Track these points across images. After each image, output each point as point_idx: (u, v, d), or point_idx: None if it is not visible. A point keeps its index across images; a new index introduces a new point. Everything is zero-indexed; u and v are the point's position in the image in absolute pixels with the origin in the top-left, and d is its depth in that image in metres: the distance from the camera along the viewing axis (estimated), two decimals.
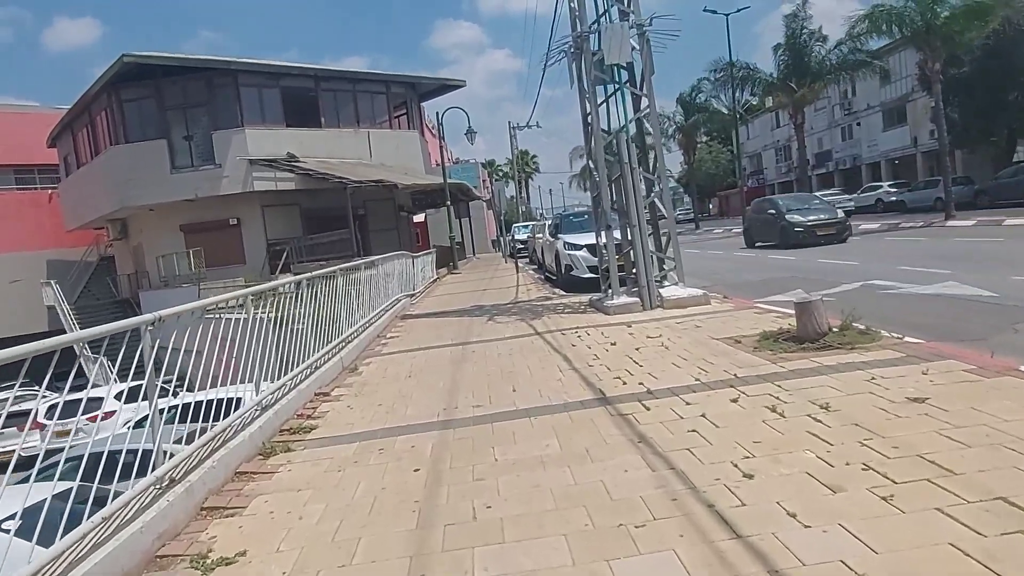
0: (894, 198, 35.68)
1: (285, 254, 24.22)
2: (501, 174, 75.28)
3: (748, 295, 10.03)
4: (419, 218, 38.49)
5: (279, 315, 6.11)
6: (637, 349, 6.57)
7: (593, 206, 10.53)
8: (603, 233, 9.98)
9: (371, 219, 27.21)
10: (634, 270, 9.45)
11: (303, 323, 6.73)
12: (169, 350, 4.25)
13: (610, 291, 9.77)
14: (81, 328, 27.09)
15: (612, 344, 6.97)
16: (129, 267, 29.37)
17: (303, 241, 23.97)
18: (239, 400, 5.06)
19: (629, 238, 9.43)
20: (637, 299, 9.15)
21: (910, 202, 33.24)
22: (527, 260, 26.09)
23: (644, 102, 9.61)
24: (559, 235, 14.32)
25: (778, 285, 11.29)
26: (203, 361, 4.70)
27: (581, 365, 6.19)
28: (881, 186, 37.37)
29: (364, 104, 27.08)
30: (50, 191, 32.66)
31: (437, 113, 25.88)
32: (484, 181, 46.78)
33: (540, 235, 20.93)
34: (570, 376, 5.83)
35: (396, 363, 7.59)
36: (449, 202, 24.73)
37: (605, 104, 9.84)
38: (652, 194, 9.69)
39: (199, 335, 4.42)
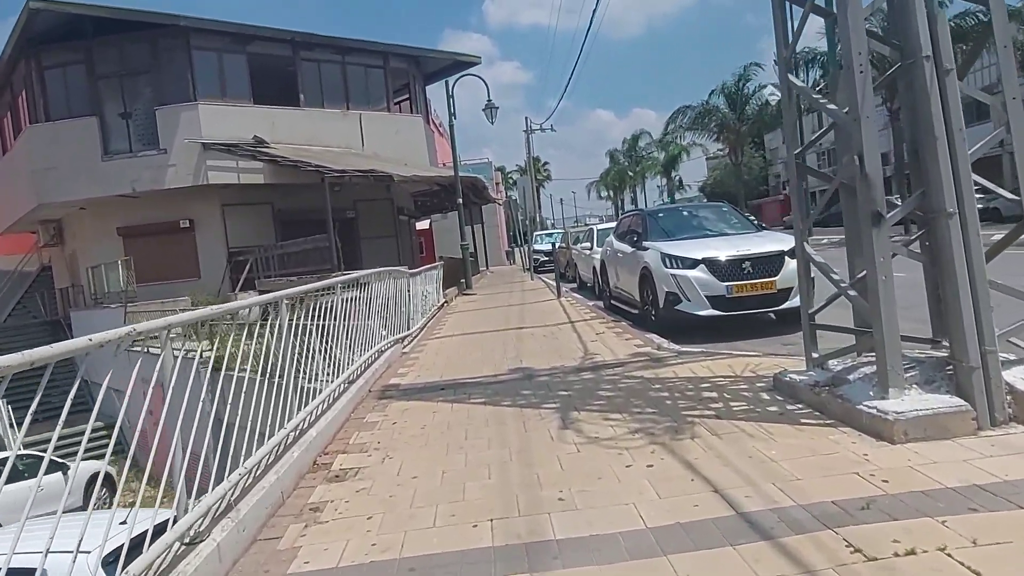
0: (979, 205, 30.37)
1: (248, 266, 18.81)
2: (512, 181, 69.87)
3: None
4: (423, 225, 33.01)
5: None
6: None
7: (794, 175, 4.93)
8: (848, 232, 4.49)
9: (363, 224, 21.82)
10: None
11: None
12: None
13: (855, 363, 4.27)
14: None
15: None
16: (66, 279, 23.99)
17: (272, 250, 18.50)
18: None
19: (869, 245, 3.90)
20: (959, 401, 3.59)
21: (1006, 209, 28.16)
22: (554, 275, 20.62)
23: None
24: (646, 243, 8.77)
25: None
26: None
27: None
28: None
29: (355, 80, 21.73)
30: None
31: (447, 82, 20.35)
32: (497, 184, 41.29)
33: (586, 245, 15.46)
34: None
35: None
36: (460, 200, 19.19)
37: None
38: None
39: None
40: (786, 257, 7.71)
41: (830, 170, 48.00)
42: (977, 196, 4.24)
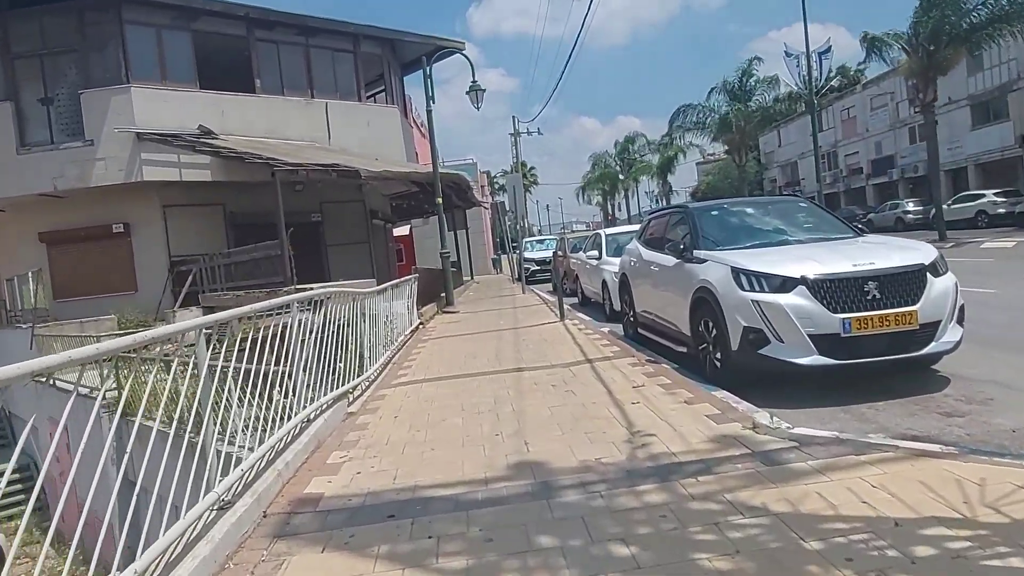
0: (1002, 210, 28.15)
1: (190, 278, 16.01)
2: (499, 185, 67.22)
3: None
4: (402, 231, 30.26)
5: None
6: None
7: None
8: None
9: (330, 229, 19.12)
10: None
11: None
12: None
13: None
14: None
15: None
16: None
17: (219, 260, 15.69)
18: None
19: None
20: None
21: None
22: (556, 290, 18.04)
23: None
24: (701, 253, 6.10)
25: None
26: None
27: None
28: (984, 195, 29.49)
29: (322, 66, 19.01)
30: None
31: (424, 60, 17.56)
32: (484, 187, 38.63)
33: (592, 253, 12.81)
34: None
35: None
36: (440, 200, 16.44)
37: None
38: None
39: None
40: (928, 274, 5.08)
41: (827, 173, 44.76)
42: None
